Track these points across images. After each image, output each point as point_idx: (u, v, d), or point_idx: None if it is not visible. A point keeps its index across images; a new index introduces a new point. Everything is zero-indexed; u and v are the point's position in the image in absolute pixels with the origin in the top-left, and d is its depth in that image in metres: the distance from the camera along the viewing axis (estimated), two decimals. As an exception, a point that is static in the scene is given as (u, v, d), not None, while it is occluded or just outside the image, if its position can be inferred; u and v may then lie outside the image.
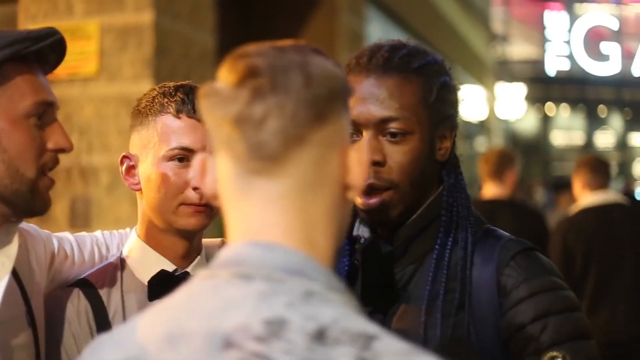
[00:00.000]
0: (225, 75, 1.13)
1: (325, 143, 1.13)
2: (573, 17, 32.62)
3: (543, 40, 31.93)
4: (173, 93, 1.96)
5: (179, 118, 1.94)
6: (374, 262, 1.81)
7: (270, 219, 1.11)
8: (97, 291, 1.93)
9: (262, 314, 1.05)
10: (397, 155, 1.81)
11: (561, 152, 30.75)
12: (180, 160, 1.93)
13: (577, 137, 35.65)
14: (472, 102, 21.05)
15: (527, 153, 29.16)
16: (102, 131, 5.95)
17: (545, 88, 29.70)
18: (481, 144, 22.54)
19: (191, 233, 1.97)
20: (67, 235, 2.03)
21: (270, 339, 1.03)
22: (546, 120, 31.94)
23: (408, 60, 1.88)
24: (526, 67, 30.73)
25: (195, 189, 1.91)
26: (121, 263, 2.00)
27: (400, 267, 1.84)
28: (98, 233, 2.13)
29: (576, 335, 1.77)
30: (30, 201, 1.70)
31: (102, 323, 1.90)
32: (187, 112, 1.94)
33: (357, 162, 1.16)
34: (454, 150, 1.92)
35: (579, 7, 33.00)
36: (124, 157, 2.01)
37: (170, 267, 1.96)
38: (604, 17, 32.83)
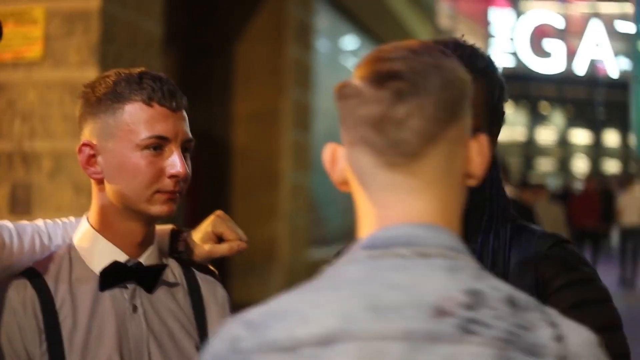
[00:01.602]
0: (366, 77, 1.22)
1: (455, 140, 1.23)
2: (518, 14, 32.96)
3: (488, 36, 32.24)
4: (139, 80, 1.92)
5: (151, 106, 1.90)
6: None
7: (424, 206, 1.21)
8: (44, 280, 1.90)
9: (458, 286, 1.15)
10: None
11: (503, 147, 31.03)
12: (156, 148, 1.90)
13: (519, 133, 36.06)
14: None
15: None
16: (45, 117, 5.89)
17: (489, 84, 29.86)
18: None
19: (157, 220, 1.97)
20: (6, 223, 1.96)
21: (478, 307, 1.14)
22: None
23: (474, 60, 1.92)
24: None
25: (171, 176, 1.90)
26: (70, 252, 1.96)
27: None
28: (40, 222, 2.06)
29: (610, 325, 1.86)
30: None
31: (49, 313, 1.87)
32: (158, 100, 1.91)
33: (479, 153, 1.26)
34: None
35: (524, 5, 33.33)
36: (84, 145, 1.95)
37: (122, 257, 1.93)
38: (549, 15, 33.20)
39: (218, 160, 10.46)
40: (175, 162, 1.90)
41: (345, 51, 15.67)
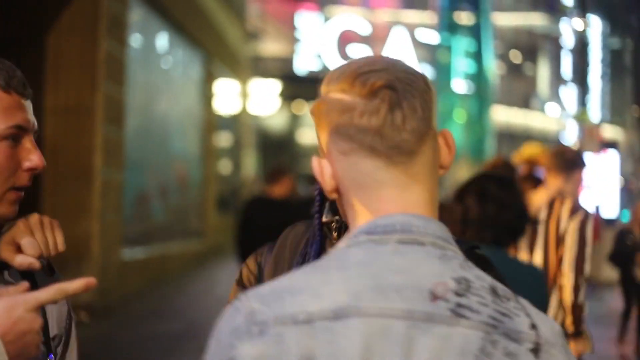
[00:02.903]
0: (359, 90, 1.36)
1: (434, 136, 1.39)
2: (325, 19, 33.55)
3: (295, 39, 32.66)
4: None
5: (8, 93, 1.76)
6: None
7: (415, 198, 1.36)
8: None
9: (449, 273, 1.29)
10: None
11: (308, 149, 31.50)
12: (14, 139, 1.77)
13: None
14: (226, 95, 21.19)
15: (276, 149, 29.74)
16: None
17: (295, 86, 30.31)
18: (228, 139, 22.75)
19: (5, 221, 1.82)
20: None
21: (466, 294, 1.28)
22: (295, 118, 32.65)
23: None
24: (279, 65, 31.32)
25: (28, 169, 1.79)
26: None
27: None
28: None
29: None
30: None
31: None
32: (14, 87, 1.77)
33: (446, 145, 1.43)
34: None
35: (330, 10, 33.95)
36: None
37: None
38: (355, 20, 33.97)
39: (27, 155, 10.14)
40: (33, 154, 1.79)
41: (158, 47, 15.51)
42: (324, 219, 2.16)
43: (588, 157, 16.23)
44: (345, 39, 33.34)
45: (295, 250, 2.23)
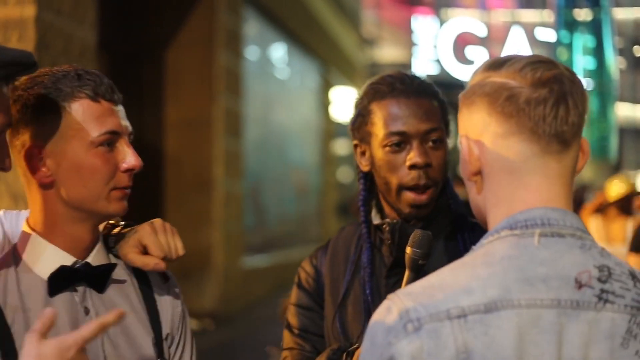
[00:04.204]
0: (528, 79, 1.42)
1: (580, 137, 1.46)
2: (441, 22, 33.33)
3: (412, 44, 32.53)
4: (77, 76, 1.86)
5: (97, 102, 1.86)
6: (402, 240, 2.16)
7: (557, 191, 1.43)
8: None
9: (591, 262, 1.37)
10: (438, 159, 2.23)
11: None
12: (109, 144, 1.86)
13: (443, 140, 36.41)
14: (344, 103, 21.28)
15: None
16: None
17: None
18: (346, 146, 22.80)
19: (112, 218, 1.95)
20: None
21: (609, 280, 1.36)
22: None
23: (427, 86, 2.30)
24: (396, 70, 31.20)
25: (126, 170, 1.88)
26: (14, 260, 1.87)
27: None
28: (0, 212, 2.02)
29: None
30: None
31: (0, 327, 1.80)
32: (102, 94, 1.87)
33: (582, 151, 1.48)
34: None
35: (446, 13, 33.72)
36: (29, 149, 1.85)
37: (69, 260, 1.87)
38: (471, 23, 33.66)
39: (150, 168, 10.41)
40: (128, 156, 1.87)
41: (274, 58, 15.72)
42: (375, 222, 2.27)
43: None
44: (462, 41, 33.06)
45: (347, 252, 2.32)
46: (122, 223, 2.04)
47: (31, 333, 1.50)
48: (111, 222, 2.03)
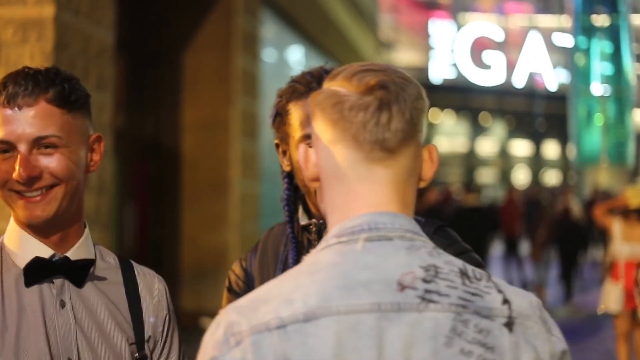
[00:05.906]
0: (355, 86, 1.43)
1: (418, 145, 1.46)
2: (458, 27, 33.34)
3: (429, 48, 32.56)
4: (4, 82, 1.88)
5: (4, 108, 1.88)
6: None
7: (388, 195, 1.42)
8: None
9: (417, 263, 1.36)
10: None
11: (444, 158, 31.32)
12: (5, 152, 1.87)
13: (460, 144, 36.40)
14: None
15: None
16: None
17: (429, 95, 30.11)
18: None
19: (42, 224, 1.92)
20: None
21: (434, 279, 1.35)
22: (430, 127, 32.53)
23: None
24: (412, 74, 31.17)
25: (17, 181, 1.87)
26: (1, 250, 1.94)
27: None
28: None
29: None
30: None
31: None
32: (1, 102, 1.88)
33: (430, 159, 1.49)
34: None
35: (464, 17, 33.72)
36: None
37: (47, 252, 1.90)
38: (488, 27, 33.64)
39: (166, 168, 10.49)
40: (17, 166, 1.86)
41: (291, 61, 15.76)
42: (302, 223, 2.24)
43: None
44: (479, 45, 33.06)
45: (277, 251, 2.29)
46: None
47: None
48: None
